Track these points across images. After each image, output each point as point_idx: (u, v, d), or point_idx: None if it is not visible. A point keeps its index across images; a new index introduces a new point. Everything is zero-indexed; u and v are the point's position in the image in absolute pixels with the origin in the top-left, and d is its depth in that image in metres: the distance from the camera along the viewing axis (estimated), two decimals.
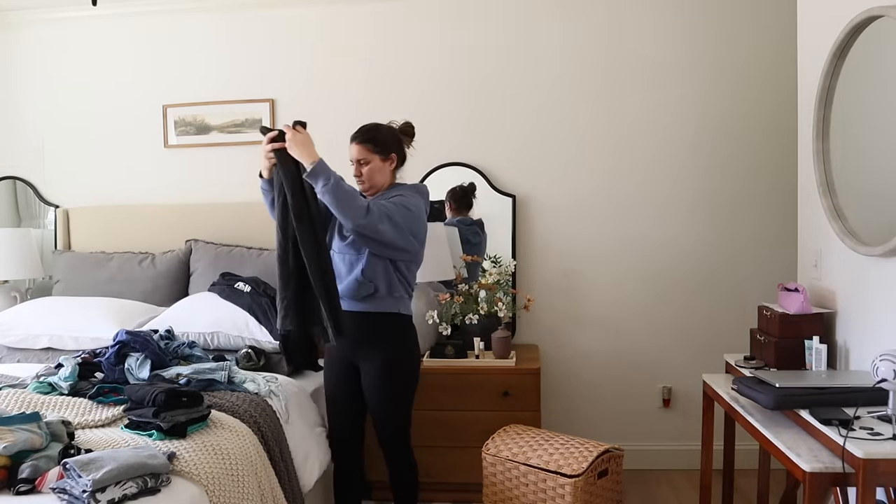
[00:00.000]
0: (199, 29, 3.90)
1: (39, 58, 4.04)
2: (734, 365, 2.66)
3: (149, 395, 2.21)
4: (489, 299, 3.41)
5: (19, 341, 3.25)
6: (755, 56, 3.58)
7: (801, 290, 2.49)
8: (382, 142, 2.55)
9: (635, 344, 3.72)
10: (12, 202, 4.11)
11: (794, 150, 2.87)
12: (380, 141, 2.55)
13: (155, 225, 3.85)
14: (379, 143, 2.54)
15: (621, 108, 3.67)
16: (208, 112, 3.89)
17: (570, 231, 3.72)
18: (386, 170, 2.57)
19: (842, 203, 2.43)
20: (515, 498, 2.76)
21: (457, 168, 3.75)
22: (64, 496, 1.76)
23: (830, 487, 1.87)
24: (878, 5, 2.13)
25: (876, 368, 2.02)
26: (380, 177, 2.56)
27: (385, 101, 3.79)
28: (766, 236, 3.61)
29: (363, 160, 2.54)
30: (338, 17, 3.80)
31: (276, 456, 2.42)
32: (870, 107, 2.32)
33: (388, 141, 2.56)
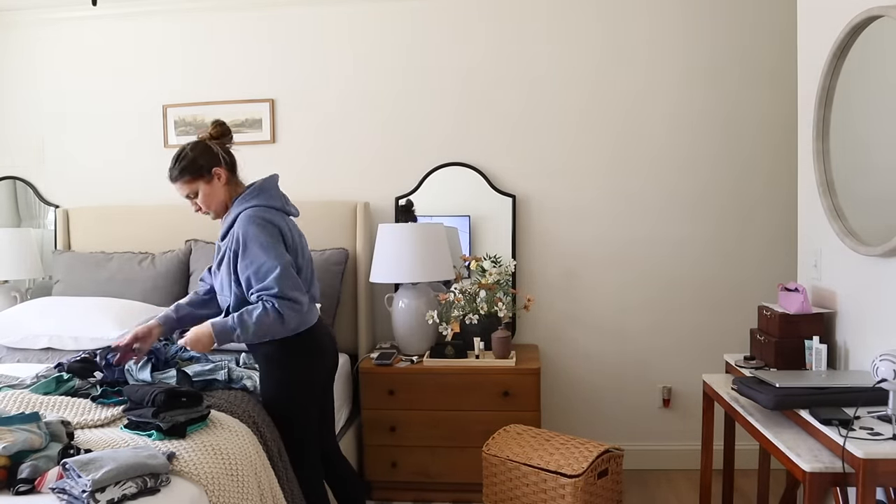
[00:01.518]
0: (199, 29, 3.90)
1: (39, 58, 4.04)
2: (734, 365, 2.66)
3: (148, 395, 2.20)
4: (489, 299, 3.41)
5: (19, 341, 3.24)
6: (755, 56, 3.58)
7: (801, 290, 2.49)
8: (194, 166, 2.36)
9: (635, 344, 3.72)
10: (12, 202, 4.11)
11: (794, 150, 2.87)
12: (191, 167, 2.36)
13: (155, 225, 3.85)
14: (192, 170, 2.36)
15: (621, 109, 3.67)
16: (208, 112, 3.88)
17: (571, 231, 3.72)
18: (217, 188, 2.40)
19: (842, 203, 2.42)
20: (515, 498, 2.76)
21: (457, 168, 3.75)
22: (63, 496, 1.76)
23: (830, 487, 1.87)
24: (878, 5, 2.13)
25: (876, 368, 2.02)
26: (215, 199, 2.41)
27: (385, 101, 3.79)
28: (766, 236, 3.61)
29: (189, 194, 2.41)
30: (338, 17, 3.80)
31: (276, 456, 2.41)
32: (870, 107, 2.31)
33: (198, 162, 2.37)
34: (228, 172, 2.43)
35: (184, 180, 2.38)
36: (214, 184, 2.40)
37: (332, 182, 3.83)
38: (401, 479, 3.32)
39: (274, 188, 2.48)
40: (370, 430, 3.31)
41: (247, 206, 2.38)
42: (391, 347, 3.59)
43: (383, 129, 3.81)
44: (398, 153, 3.81)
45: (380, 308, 3.75)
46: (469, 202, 3.74)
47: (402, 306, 3.43)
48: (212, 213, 2.46)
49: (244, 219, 2.34)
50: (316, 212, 3.67)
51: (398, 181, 3.79)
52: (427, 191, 3.76)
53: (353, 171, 3.84)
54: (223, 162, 2.41)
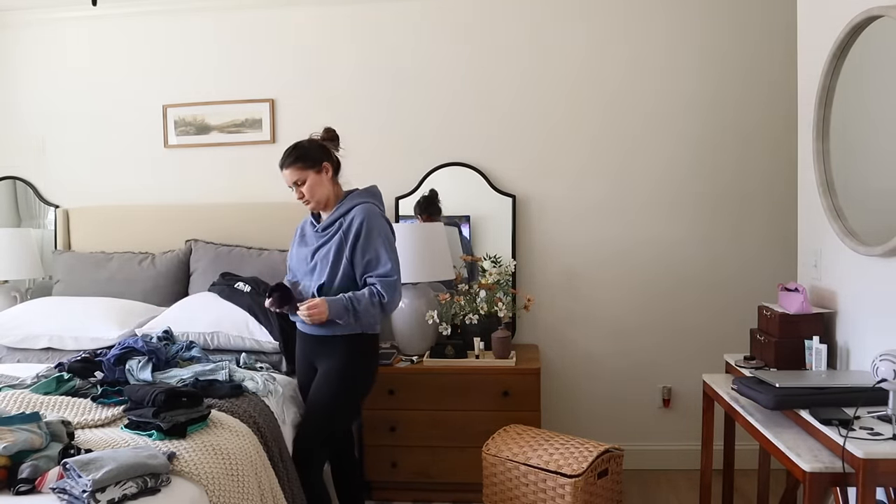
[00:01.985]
0: (199, 29, 3.90)
1: (39, 58, 4.04)
2: (734, 365, 2.66)
3: (149, 395, 2.21)
4: (489, 299, 3.41)
5: (19, 341, 3.24)
6: (755, 56, 3.57)
7: (801, 290, 2.49)
8: (308, 156, 2.57)
9: (635, 344, 3.72)
10: (12, 202, 4.11)
11: (794, 150, 2.87)
12: (305, 156, 2.57)
13: (155, 225, 3.85)
14: (306, 159, 2.56)
15: (621, 109, 3.67)
16: (208, 112, 3.89)
17: (570, 231, 3.72)
18: (324, 181, 2.59)
19: (842, 203, 2.42)
20: (515, 498, 2.76)
21: (457, 168, 3.75)
22: (64, 496, 1.76)
23: (830, 487, 1.87)
24: (878, 5, 2.13)
25: (876, 368, 2.02)
26: (320, 190, 2.60)
27: (385, 101, 3.79)
28: (766, 236, 3.61)
29: (298, 181, 2.57)
30: (338, 18, 3.80)
31: (276, 456, 2.42)
32: (870, 107, 2.32)
33: (313, 154, 2.58)
34: (334, 170, 2.63)
35: (296, 167, 2.56)
36: (322, 176, 2.58)
37: None
38: (401, 479, 3.32)
39: (381, 197, 2.72)
40: (370, 430, 3.31)
41: (363, 200, 2.60)
42: (391, 347, 3.59)
43: (383, 129, 3.81)
44: (398, 153, 3.81)
45: None
46: (469, 202, 3.74)
47: (402, 306, 3.42)
48: (313, 202, 2.61)
49: (367, 211, 2.55)
50: None
51: (398, 181, 3.79)
52: (427, 191, 3.76)
53: (353, 170, 3.81)
54: (332, 160, 2.63)
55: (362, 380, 2.63)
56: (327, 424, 2.60)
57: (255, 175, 3.87)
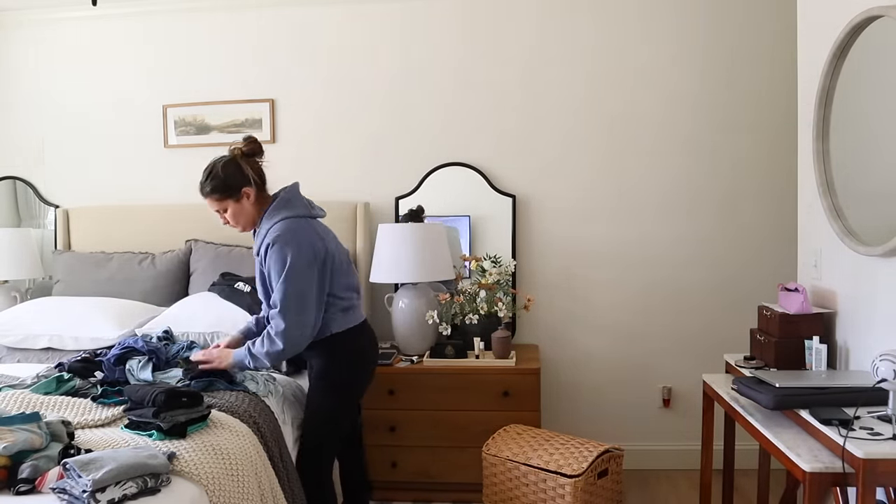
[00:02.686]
0: (199, 29, 3.90)
1: (39, 58, 4.04)
2: (734, 365, 2.66)
3: (149, 395, 2.20)
4: (489, 299, 3.41)
5: (19, 341, 3.24)
6: (755, 56, 3.58)
7: (801, 290, 2.49)
8: (225, 186, 2.45)
9: (635, 344, 3.72)
10: (12, 202, 4.11)
11: (794, 150, 2.87)
12: (222, 187, 2.45)
13: (155, 225, 3.85)
14: (223, 190, 2.46)
15: (622, 109, 3.67)
16: (208, 112, 3.89)
17: (570, 231, 3.73)
18: (245, 207, 2.49)
19: (842, 203, 2.43)
20: (515, 498, 2.76)
21: (457, 168, 3.75)
22: (64, 496, 1.76)
23: (830, 487, 1.87)
24: (878, 5, 2.13)
25: (876, 368, 2.02)
26: (243, 216, 2.51)
27: (385, 100, 3.79)
28: (766, 237, 3.61)
29: (219, 210, 2.51)
30: (338, 18, 3.80)
31: (276, 456, 2.42)
32: (870, 107, 2.32)
33: (230, 181, 2.45)
34: (257, 190, 2.50)
35: (213, 198, 2.47)
36: (243, 202, 2.48)
37: (332, 182, 3.83)
38: (401, 479, 3.32)
39: (296, 197, 2.55)
40: (370, 430, 3.30)
41: (275, 220, 2.45)
42: (391, 347, 3.59)
43: (383, 129, 3.81)
44: (398, 153, 3.81)
45: (380, 308, 3.75)
46: (469, 202, 3.75)
47: (402, 306, 3.43)
48: (239, 227, 2.54)
49: (272, 237, 2.42)
50: None
51: (398, 181, 3.79)
52: (427, 191, 3.76)
53: (353, 171, 3.84)
54: (252, 182, 2.48)
55: (345, 387, 2.57)
56: (328, 418, 2.59)
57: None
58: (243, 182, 2.47)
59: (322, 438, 2.59)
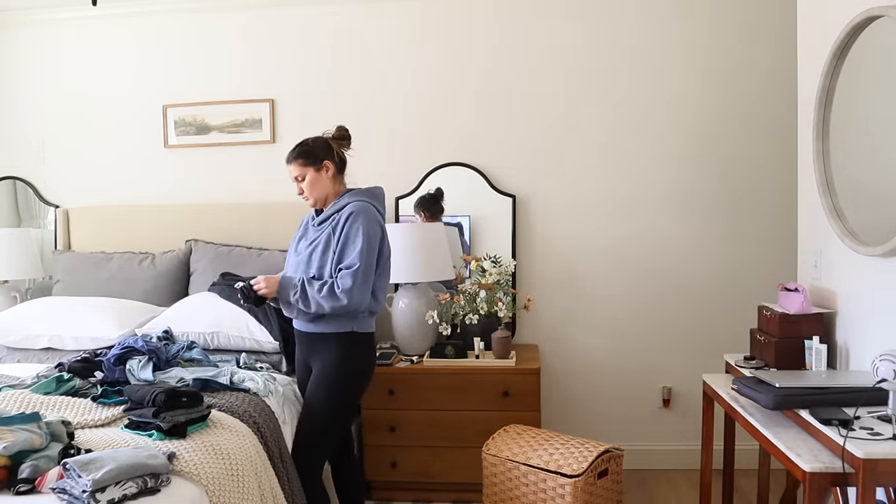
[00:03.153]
0: (199, 29, 3.90)
1: (39, 58, 4.04)
2: (734, 365, 2.66)
3: (149, 395, 2.20)
4: (489, 299, 3.41)
5: (19, 341, 3.24)
6: (755, 56, 3.57)
7: (801, 290, 2.49)
8: (310, 153, 2.61)
9: (635, 344, 3.72)
10: (12, 202, 4.11)
11: (793, 150, 2.87)
12: (307, 153, 2.61)
13: (155, 225, 3.85)
14: (308, 156, 2.60)
15: (621, 109, 3.67)
16: (208, 112, 3.89)
17: (570, 231, 3.72)
18: (324, 179, 2.62)
19: (842, 203, 2.43)
20: (515, 498, 2.76)
21: (457, 168, 3.75)
22: (64, 496, 1.76)
23: (830, 487, 1.87)
24: (878, 5, 2.13)
25: (876, 368, 2.02)
26: (319, 187, 2.62)
27: (385, 100, 3.79)
28: (766, 236, 3.61)
29: (299, 176, 2.62)
30: (338, 18, 3.80)
31: (276, 456, 2.42)
32: (870, 107, 2.32)
33: (315, 151, 2.61)
34: (336, 169, 2.64)
35: (297, 163, 2.61)
36: (322, 174, 2.61)
37: None
38: (401, 479, 3.32)
39: (383, 196, 2.71)
40: (370, 430, 3.31)
41: (359, 199, 2.59)
42: (391, 347, 3.59)
43: (383, 129, 3.81)
44: (398, 153, 3.81)
45: None
46: (469, 202, 3.74)
47: (402, 306, 3.43)
48: (311, 199, 2.64)
49: (357, 207, 2.55)
50: None
51: (398, 181, 3.78)
52: (433, 188, 3.75)
53: (353, 170, 3.82)
54: (335, 159, 2.63)
55: (356, 379, 2.60)
56: (324, 422, 2.59)
57: (255, 175, 3.87)
58: (328, 155, 2.62)
59: (316, 437, 2.57)
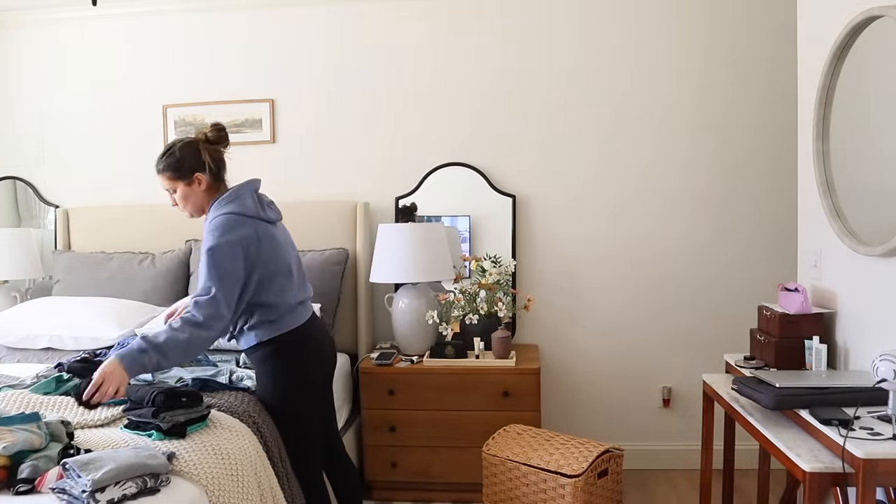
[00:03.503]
0: (199, 29, 3.90)
1: (39, 58, 4.04)
2: (734, 365, 2.66)
3: (148, 395, 2.20)
4: (489, 299, 3.41)
5: (19, 341, 3.24)
6: (755, 56, 3.58)
7: (801, 290, 2.49)
8: (178, 166, 2.39)
9: (635, 344, 3.72)
10: (12, 202, 4.11)
11: (794, 150, 2.87)
12: (175, 167, 2.39)
13: (155, 225, 3.85)
14: (176, 170, 2.39)
15: (622, 109, 3.67)
16: (208, 112, 3.89)
17: (570, 231, 3.73)
18: (195, 192, 2.42)
19: (842, 203, 2.42)
20: (515, 498, 2.76)
21: (457, 168, 3.75)
22: (63, 496, 1.76)
23: (830, 487, 1.87)
24: (878, 5, 2.13)
25: (876, 368, 2.02)
26: (193, 200, 2.43)
27: (385, 100, 3.79)
28: (766, 236, 3.61)
29: (169, 189, 2.45)
30: (338, 18, 3.80)
31: (276, 456, 2.41)
32: (870, 107, 2.31)
33: (184, 163, 2.39)
34: (211, 179, 2.43)
35: (165, 176, 2.43)
36: (193, 188, 2.42)
37: (332, 182, 3.83)
38: (401, 479, 3.32)
39: (247, 195, 2.44)
40: (370, 430, 3.31)
41: (219, 212, 2.37)
42: (391, 347, 3.59)
43: (383, 129, 3.81)
44: (398, 153, 3.81)
45: (380, 308, 3.75)
46: (469, 202, 3.75)
47: (402, 306, 3.43)
48: (185, 211, 2.49)
49: (208, 229, 2.35)
50: (316, 212, 3.68)
51: (398, 181, 3.79)
52: (427, 191, 3.76)
53: (353, 171, 3.84)
54: (207, 169, 2.41)
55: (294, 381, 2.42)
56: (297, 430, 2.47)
57: (255, 175, 3.83)
58: (198, 167, 2.40)
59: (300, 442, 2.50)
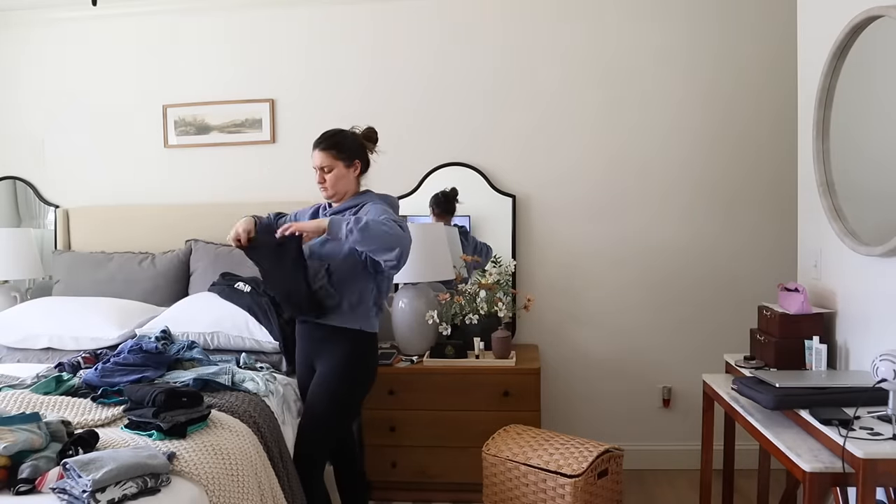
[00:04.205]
0: (199, 29, 3.90)
1: (39, 58, 4.04)
2: (734, 365, 2.66)
3: (148, 395, 2.21)
4: (489, 299, 3.41)
5: (19, 341, 3.24)
6: (755, 56, 3.58)
7: (801, 290, 2.49)
8: (346, 148, 2.53)
9: (635, 344, 3.72)
10: (12, 202, 4.11)
11: (794, 150, 2.87)
12: (343, 147, 2.53)
13: (155, 225, 3.85)
14: (342, 150, 2.52)
15: (621, 109, 3.67)
16: (208, 112, 3.89)
17: (570, 231, 3.72)
18: (350, 176, 2.56)
19: (842, 203, 2.43)
20: (515, 498, 2.76)
21: (457, 168, 3.75)
22: (64, 496, 1.76)
23: (830, 487, 1.87)
24: (878, 5, 2.13)
25: (876, 368, 2.02)
26: (343, 183, 2.55)
27: (385, 101, 3.79)
28: (766, 236, 3.61)
29: (327, 167, 2.52)
30: (338, 17, 3.80)
31: (276, 456, 2.42)
32: (870, 107, 2.32)
33: (351, 147, 2.54)
34: (361, 169, 2.59)
35: (329, 153, 2.52)
36: (349, 171, 2.55)
37: None
38: (401, 479, 3.32)
39: (397, 207, 2.65)
40: (370, 430, 3.31)
41: (378, 202, 2.52)
42: (391, 347, 3.59)
43: (383, 129, 3.76)
44: (398, 153, 3.79)
45: None
46: (469, 202, 3.74)
47: (402, 306, 3.43)
48: (331, 191, 2.56)
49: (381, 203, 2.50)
50: None
51: (398, 181, 3.78)
52: (427, 191, 3.76)
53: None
54: (365, 160, 2.59)
55: (361, 379, 2.59)
56: (328, 426, 2.57)
57: (255, 175, 3.87)
58: (361, 155, 2.57)
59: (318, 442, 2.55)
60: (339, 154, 2.52)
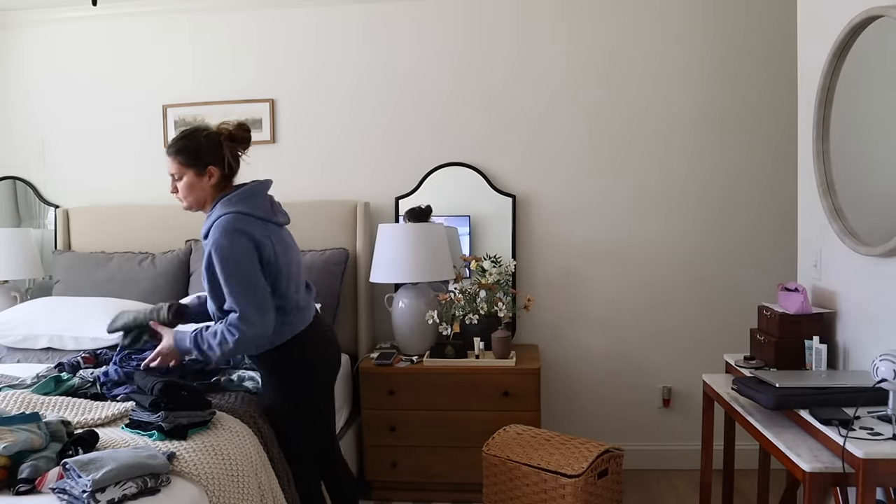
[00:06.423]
0: (199, 29, 3.90)
1: (40, 58, 4.04)
2: (734, 365, 2.66)
3: (150, 383, 2.21)
4: (489, 299, 3.41)
5: (19, 341, 3.24)
6: (755, 56, 3.58)
7: (801, 290, 2.49)
8: (194, 154, 2.23)
9: (635, 344, 3.72)
10: (12, 202, 4.11)
11: (794, 150, 2.87)
12: (190, 152, 2.23)
13: (155, 225, 3.84)
14: (190, 156, 2.23)
15: (621, 109, 3.67)
16: (208, 112, 3.88)
17: (570, 231, 3.73)
18: (203, 185, 2.26)
19: (842, 203, 2.42)
20: (515, 498, 2.76)
21: (457, 168, 3.75)
22: (64, 496, 1.76)
23: (830, 487, 1.87)
24: (878, 5, 2.13)
25: (876, 368, 2.02)
26: (197, 193, 2.27)
27: (385, 101, 3.79)
28: (766, 236, 3.61)
29: (176, 175, 2.27)
30: (338, 17, 3.80)
31: (276, 456, 2.42)
32: (870, 107, 2.31)
33: (202, 153, 2.23)
34: (222, 177, 2.29)
35: (178, 160, 2.25)
36: (203, 180, 2.27)
37: (332, 182, 3.83)
38: (401, 479, 3.32)
39: (261, 195, 2.32)
40: (370, 430, 3.31)
41: (228, 210, 2.22)
42: (391, 347, 3.59)
43: (383, 128, 3.81)
44: (398, 153, 3.81)
45: (380, 308, 3.75)
46: (469, 202, 3.75)
47: (402, 306, 3.43)
48: (184, 202, 2.33)
49: (218, 228, 2.20)
50: (316, 212, 3.68)
51: (398, 181, 3.79)
52: (427, 191, 3.76)
53: (353, 171, 3.84)
54: (224, 165, 2.27)
55: (295, 392, 2.38)
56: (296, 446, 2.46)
57: (255, 175, 3.81)
58: (215, 160, 2.25)
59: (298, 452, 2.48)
60: (187, 160, 2.23)
